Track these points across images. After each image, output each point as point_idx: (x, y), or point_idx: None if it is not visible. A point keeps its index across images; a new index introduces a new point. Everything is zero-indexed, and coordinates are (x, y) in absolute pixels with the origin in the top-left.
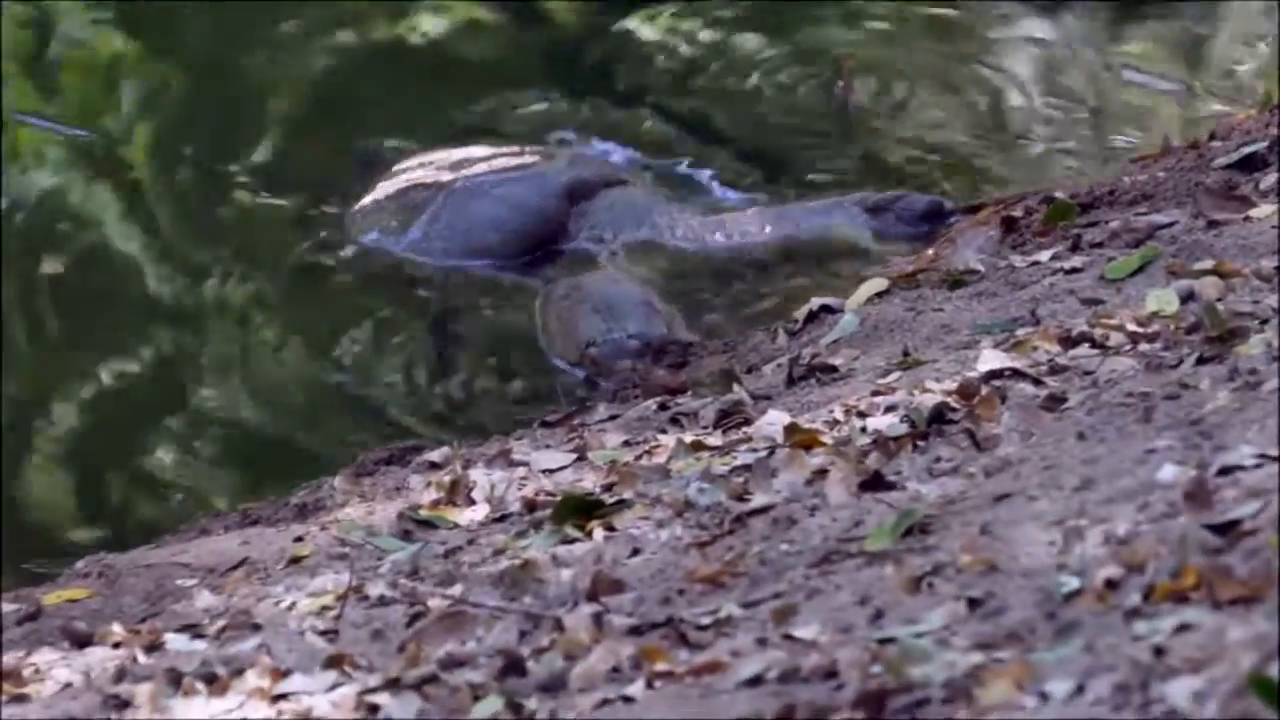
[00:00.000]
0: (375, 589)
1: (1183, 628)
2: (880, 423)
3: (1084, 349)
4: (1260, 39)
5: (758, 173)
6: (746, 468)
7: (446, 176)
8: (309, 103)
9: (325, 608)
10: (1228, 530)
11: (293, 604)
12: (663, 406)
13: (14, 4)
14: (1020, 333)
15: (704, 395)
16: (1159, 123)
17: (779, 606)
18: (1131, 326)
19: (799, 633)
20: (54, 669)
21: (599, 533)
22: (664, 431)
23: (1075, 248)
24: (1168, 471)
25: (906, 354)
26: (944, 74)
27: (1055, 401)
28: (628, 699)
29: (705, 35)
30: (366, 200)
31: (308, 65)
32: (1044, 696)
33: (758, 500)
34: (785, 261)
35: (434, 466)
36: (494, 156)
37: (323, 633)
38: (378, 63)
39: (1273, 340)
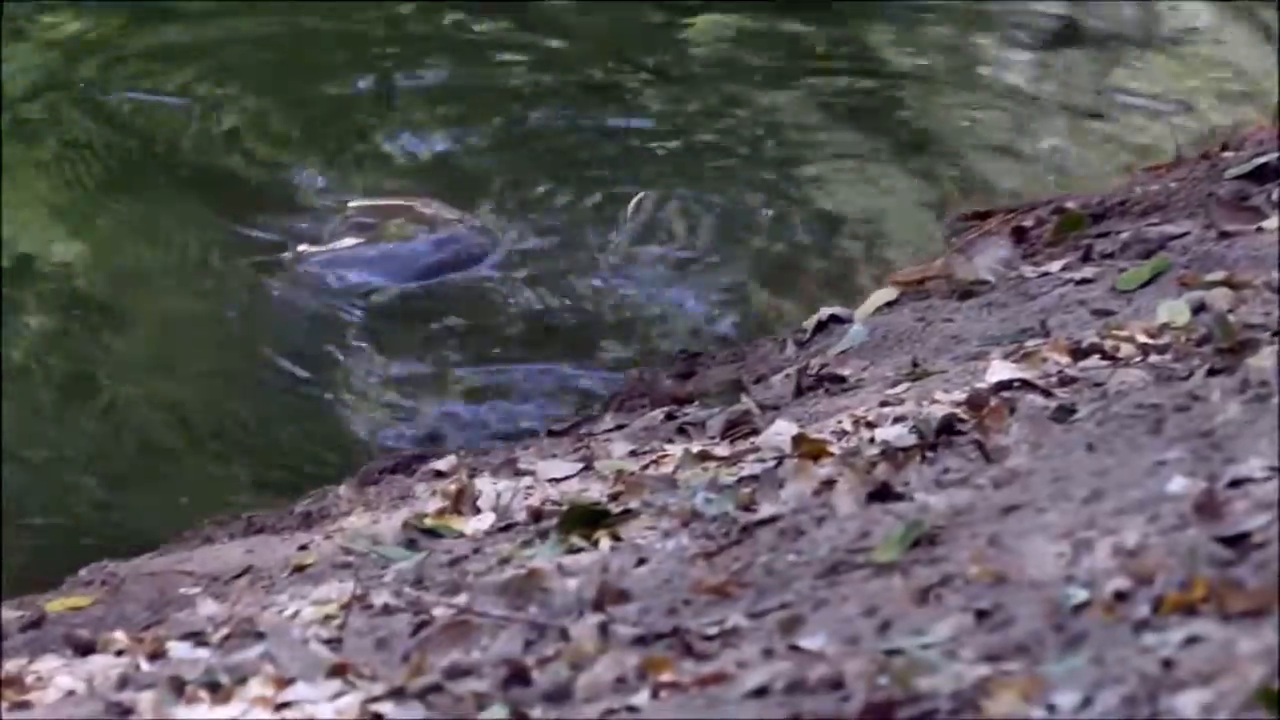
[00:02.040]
0: (380, 598)
1: (1192, 640)
2: (889, 433)
3: (1094, 360)
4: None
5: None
6: (754, 478)
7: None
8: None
9: (329, 616)
10: (1237, 542)
11: (297, 612)
12: (670, 416)
13: None
14: (1030, 344)
15: (711, 405)
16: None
17: (785, 617)
18: (1142, 338)
19: (805, 643)
20: (56, 676)
21: (605, 542)
22: (671, 441)
23: (1086, 258)
24: (1177, 483)
25: (915, 364)
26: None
27: (1065, 413)
28: (633, 709)
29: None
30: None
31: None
32: (1052, 708)
33: (765, 511)
34: None
35: (440, 475)
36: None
37: (327, 641)
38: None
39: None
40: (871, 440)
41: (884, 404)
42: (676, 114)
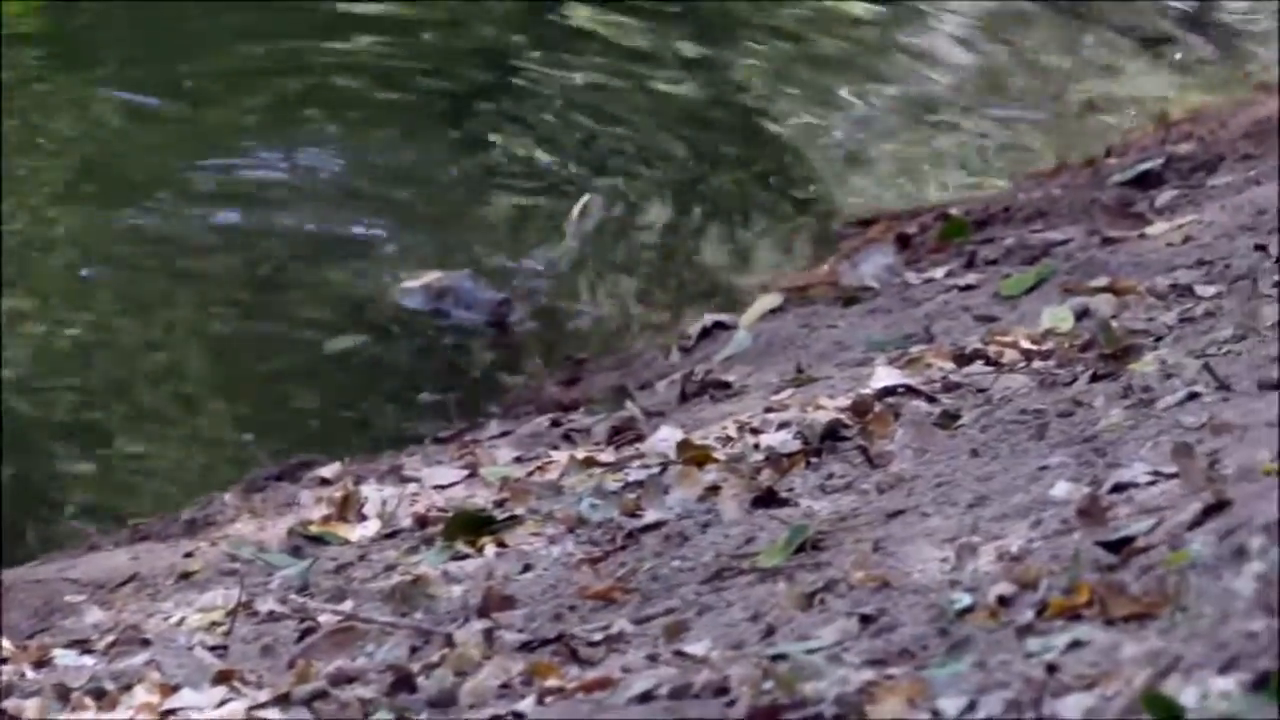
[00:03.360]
0: (265, 605)
1: (1075, 644)
2: (773, 439)
3: (978, 366)
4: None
5: None
6: (639, 484)
7: None
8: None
9: (215, 623)
10: (1121, 547)
11: (182, 619)
12: (555, 423)
13: None
14: (914, 350)
15: (596, 411)
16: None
17: (671, 623)
18: (1026, 344)
19: (690, 649)
20: None
21: (490, 549)
22: (556, 448)
23: (970, 265)
24: (1061, 488)
25: (800, 370)
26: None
27: (949, 418)
28: (518, 715)
29: None
30: None
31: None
32: (936, 713)
33: (650, 516)
34: None
35: (325, 482)
36: None
37: (212, 648)
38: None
39: (1166, 357)
40: (756, 446)
41: (769, 410)
42: (565, 125)
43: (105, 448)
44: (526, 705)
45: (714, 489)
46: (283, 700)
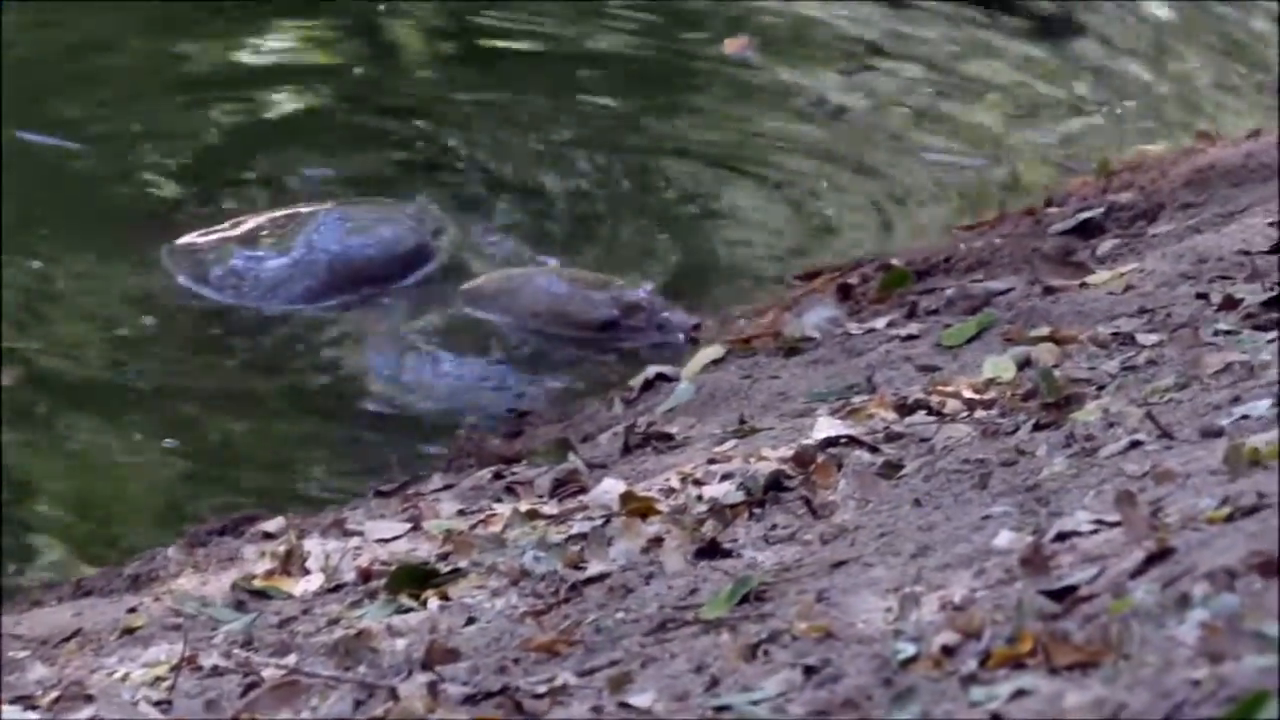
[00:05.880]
0: (209, 659)
1: (1020, 693)
2: (716, 491)
3: (920, 416)
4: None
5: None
6: (582, 536)
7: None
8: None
9: (159, 678)
10: (1064, 596)
11: (126, 675)
12: (498, 475)
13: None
14: (857, 400)
15: (539, 464)
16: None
17: (615, 675)
18: (968, 393)
19: (635, 701)
20: None
21: (434, 602)
22: (499, 500)
23: (912, 315)
24: (1004, 538)
25: (743, 422)
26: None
27: (892, 469)
28: None
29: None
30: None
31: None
32: None
33: (593, 568)
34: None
35: (268, 536)
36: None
37: (156, 703)
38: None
39: (1109, 406)
40: (699, 498)
41: (711, 461)
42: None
43: (48, 501)
44: None
45: (657, 541)
46: None
